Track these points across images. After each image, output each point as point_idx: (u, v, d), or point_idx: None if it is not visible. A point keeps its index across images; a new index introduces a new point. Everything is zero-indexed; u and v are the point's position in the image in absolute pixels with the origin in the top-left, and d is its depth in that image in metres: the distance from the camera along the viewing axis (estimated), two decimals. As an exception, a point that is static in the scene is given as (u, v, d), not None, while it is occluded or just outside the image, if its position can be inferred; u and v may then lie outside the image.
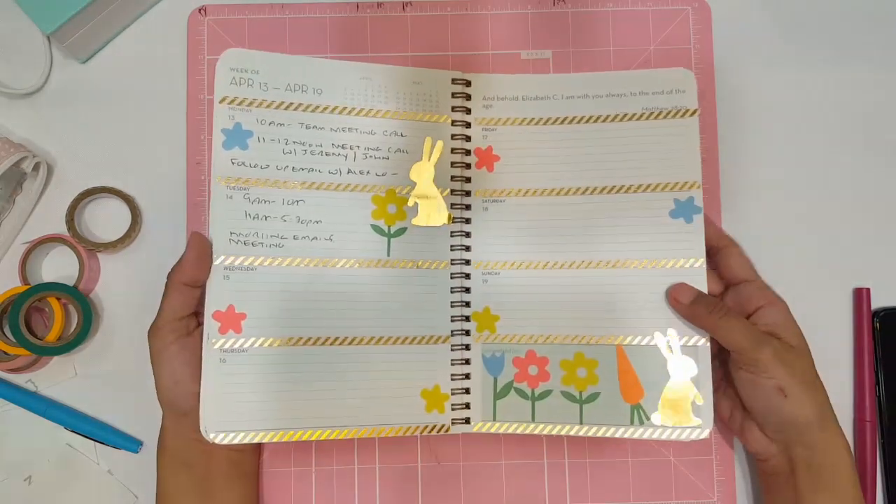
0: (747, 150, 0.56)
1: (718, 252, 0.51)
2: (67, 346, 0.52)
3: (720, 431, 0.54)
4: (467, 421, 0.50)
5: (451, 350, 0.50)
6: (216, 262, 0.48)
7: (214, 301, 0.48)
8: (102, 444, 0.53)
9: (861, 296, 0.55)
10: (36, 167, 0.54)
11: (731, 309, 0.49)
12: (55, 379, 0.54)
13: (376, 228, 0.50)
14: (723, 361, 0.51)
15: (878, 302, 0.55)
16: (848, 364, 0.55)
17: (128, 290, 0.55)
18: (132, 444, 0.53)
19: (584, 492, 0.53)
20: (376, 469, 0.53)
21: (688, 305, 0.49)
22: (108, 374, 0.54)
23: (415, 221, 0.51)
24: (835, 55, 0.57)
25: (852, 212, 0.56)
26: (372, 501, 0.53)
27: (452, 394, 0.50)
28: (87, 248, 0.54)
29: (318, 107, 0.51)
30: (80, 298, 0.52)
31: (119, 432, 0.53)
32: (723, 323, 0.48)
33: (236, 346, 0.48)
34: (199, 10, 0.56)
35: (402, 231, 0.51)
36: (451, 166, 0.52)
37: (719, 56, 0.56)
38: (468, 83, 0.53)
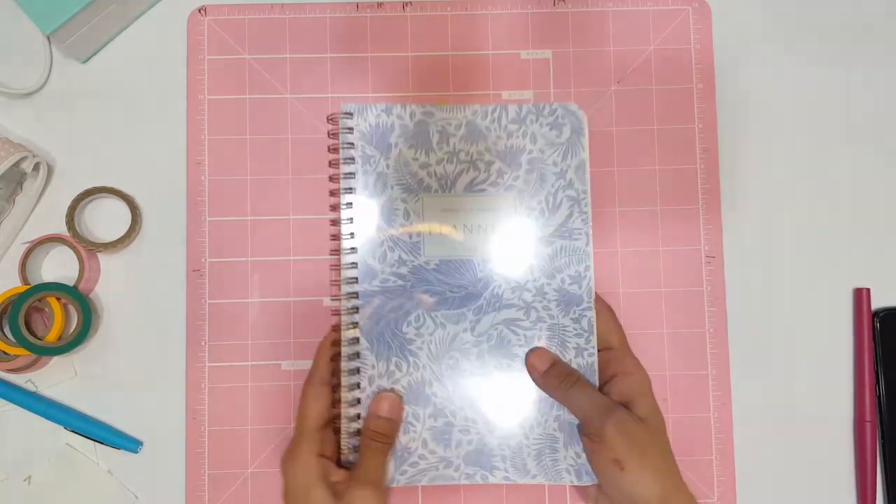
0: (747, 150, 0.56)
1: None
2: (67, 346, 0.52)
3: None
4: None
5: None
6: None
7: None
8: (102, 444, 0.53)
9: (861, 296, 0.55)
10: (36, 167, 0.54)
11: (580, 377, 0.49)
12: (55, 379, 0.54)
13: None
14: None
15: (878, 302, 0.55)
16: (848, 364, 0.55)
17: (128, 290, 0.55)
18: (132, 444, 0.53)
19: (584, 491, 0.53)
20: (376, 469, 0.53)
21: (541, 374, 0.49)
22: (109, 373, 0.54)
23: None
24: (835, 55, 0.57)
25: (852, 212, 0.56)
26: (372, 501, 0.53)
27: None
28: (87, 248, 0.54)
29: None
30: (79, 298, 0.52)
31: (119, 432, 0.53)
32: (572, 392, 0.48)
33: None
34: (199, 11, 0.56)
35: None
36: None
37: (719, 56, 0.56)
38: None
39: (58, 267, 0.55)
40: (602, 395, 0.48)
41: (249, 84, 0.56)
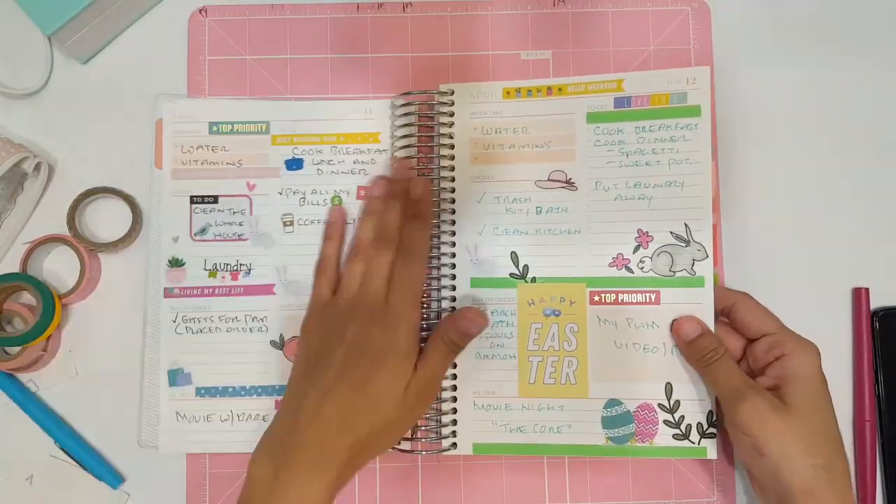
0: (747, 150, 0.56)
1: (732, 309, 0.51)
2: (33, 331, 0.51)
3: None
4: None
5: None
6: None
7: None
8: (84, 469, 0.52)
9: (860, 295, 0.55)
10: (37, 167, 0.54)
11: (725, 353, 0.48)
12: (56, 378, 0.54)
13: None
14: None
15: (876, 302, 0.55)
16: (847, 364, 0.55)
17: (129, 290, 0.55)
18: (114, 480, 0.52)
19: (584, 491, 0.53)
20: (377, 467, 0.53)
21: (687, 345, 0.50)
22: (110, 373, 0.54)
23: None
24: (834, 55, 0.57)
25: (852, 212, 0.56)
26: (372, 500, 0.53)
27: None
28: (89, 248, 0.54)
29: None
30: (31, 281, 0.51)
31: (105, 464, 0.53)
32: (710, 369, 0.48)
33: None
34: (200, 11, 0.56)
35: None
36: None
37: (719, 56, 0.57)
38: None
39: (59, 267, 0.55)
40: (742, 376, 0.47)
41: (250, 84, 0.56)
